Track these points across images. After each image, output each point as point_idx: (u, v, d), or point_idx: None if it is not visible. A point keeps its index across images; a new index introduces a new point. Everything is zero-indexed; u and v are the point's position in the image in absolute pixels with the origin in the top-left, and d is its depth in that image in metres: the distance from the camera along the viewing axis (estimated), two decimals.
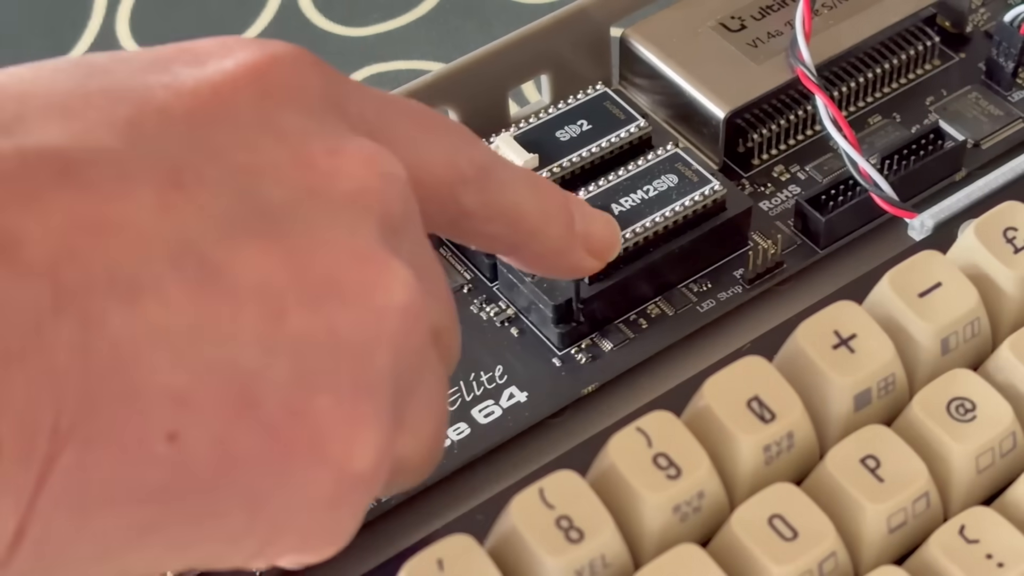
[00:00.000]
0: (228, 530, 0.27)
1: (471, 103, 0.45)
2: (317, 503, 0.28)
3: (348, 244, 0.28)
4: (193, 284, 0.26)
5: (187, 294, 0.25)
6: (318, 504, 0.28)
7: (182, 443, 0.26)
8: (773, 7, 0.47)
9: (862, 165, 0.43)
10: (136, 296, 0.25)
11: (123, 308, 0.25)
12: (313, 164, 0.28)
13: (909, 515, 0.33)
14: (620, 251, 0.41)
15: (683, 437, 0.33)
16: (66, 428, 0.24)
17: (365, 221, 0.28)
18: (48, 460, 0.24)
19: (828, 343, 0.35)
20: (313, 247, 0.27)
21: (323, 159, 0.28)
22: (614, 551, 0.32)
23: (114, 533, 0.26)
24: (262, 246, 0.27)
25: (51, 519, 0.25)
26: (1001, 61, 0.47)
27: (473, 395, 0.41)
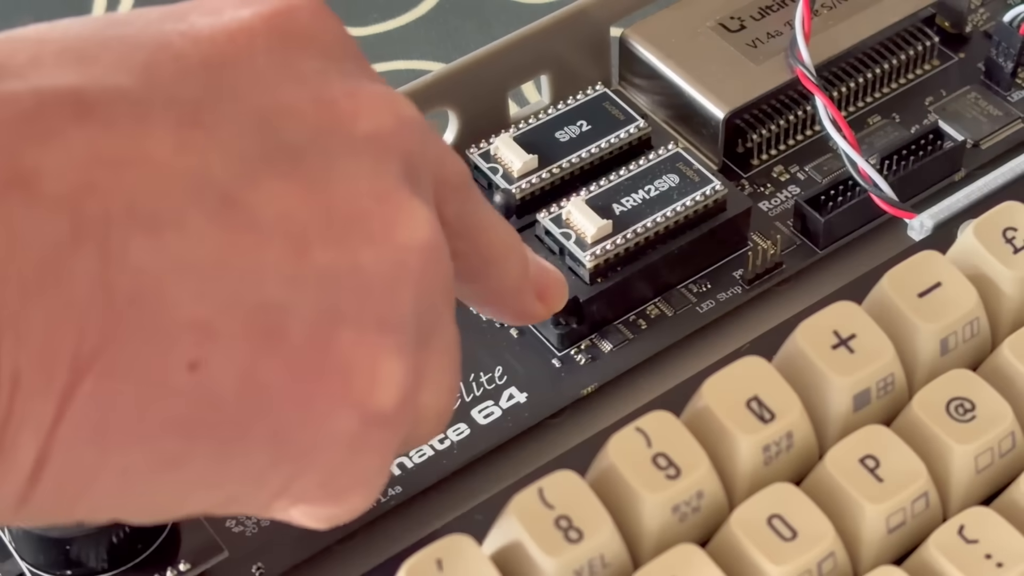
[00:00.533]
0: (252, 466, 0.27)
1: (471, 103, 0.45)
2: (340, 440, 0.28)
3: (370, 182, 0.28)
4: (215, 218, 0.26)
5: (210, 227, 0.25)
6: (341, 441, 0.28)
7: (205, 373, 0.25)
8: (772, 7, 0.47)
9: (861, 165, 0.43)
10: (157, 229, 0.25)
11: (144, 240, 0.25)
12: (333, 105, 0.28)
13: (908, 515, 0.33)
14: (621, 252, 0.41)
15: (682, 437, 0.33)
16: (87, 358, 0.24)
17: (386, 161, 0.28)
18: (68, 390, 0.24)
19: (827, 343, 0.35)
20: (335, 184, 0.27)
21: (343, 100, 0.28)
22: (613, 551, 0.32)
23: (136, 466, 0.26)
24: (284, 182, 0.27)
25: (72, 451, 0.25)
26: (1000, 61, 0.47)
27: (473, 396, 0.41)
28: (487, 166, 0.43)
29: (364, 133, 0.28)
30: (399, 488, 0.39)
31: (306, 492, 0.29)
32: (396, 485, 0.39)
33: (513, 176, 0.43)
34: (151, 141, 0.25)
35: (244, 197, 0.26)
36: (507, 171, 0.43)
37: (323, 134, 0.28)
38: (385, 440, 0.29)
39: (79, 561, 0.36)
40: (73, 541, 0.36)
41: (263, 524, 0.38)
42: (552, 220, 0.42)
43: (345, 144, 0.28)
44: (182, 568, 0.37)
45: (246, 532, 0.38)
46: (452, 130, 0.45)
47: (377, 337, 0.27)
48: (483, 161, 0.43)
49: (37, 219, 0.24)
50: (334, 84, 0.29)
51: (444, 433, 0.40)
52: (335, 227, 0.27)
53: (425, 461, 0.39)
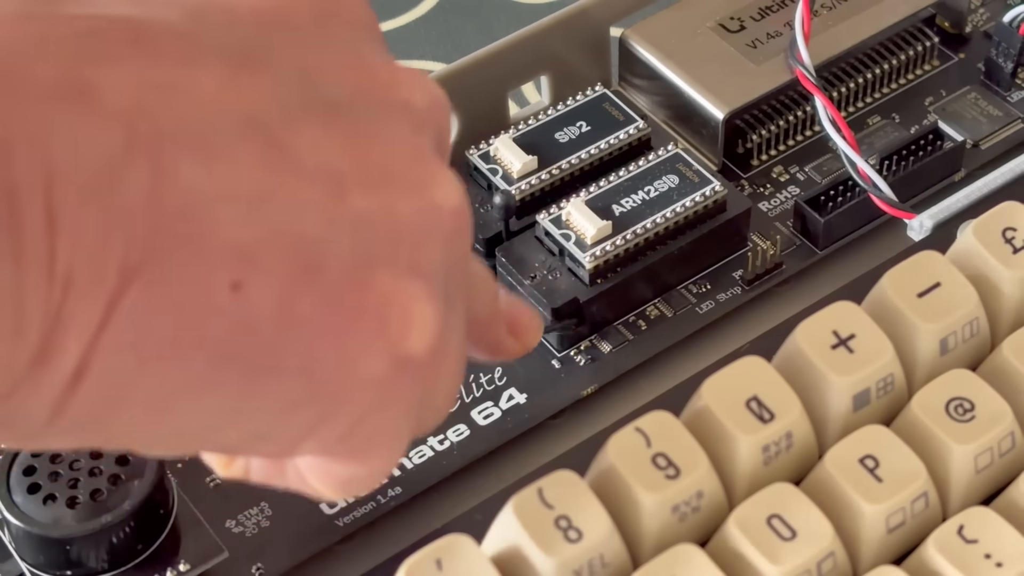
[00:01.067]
0: (282, 398, 0.28)
1: (471, 104, 0.45)
2: (371, 381, 0.28)
3: (406, 143, 0.29)
4: (260, 154, 0.26)
5: (254, 162, 0.26)
6: (371, 382, 0.28)
7: (245, 295, 0.26)
8: (772, 8, 0.47)
9: (861, 166, 0.43)
10: (207, 155, 0.26)
11: (194, 163, 0.26)
12: (373, 72, 0.29)
13: (908, 515, 0.33)
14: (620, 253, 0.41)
15: (682, 437, 0.33)
16: (134, 267, 0.25)
17: (420, 129, 0.29)
18: (114, 296, 0.25)
19: (827, 343, 0.35)
20: (374, 139, 0.28)
21: (382, 69, 0.30)
22: (613, 551, 0.32)
23: (173, 381, 0.26)
24: (325, 131, 0.28)
25: (113, 357, 0.25)
26: (1000, 62, 0.47)
27: (472, 397, 0.41)
28: (487, 167, 0.43)
29: (401, 99, 0.29)
30: (399, 488, 0.39)
31: (333, 438, 0.29)
32: (396, 485, 0.39)
33: (513, 177, 0.43)
34: (202, 76, 0.26)
35: (287, 139, 0.27)
36: (507, 172, 0.43)
37: (363, 95, 0.29)
38: (413, 388, 0.29)
39: (79, 561, 0.36)
40: (73, 541, 0.36)
41: (263, 524, 0.38)
42: (552, 221, 0.42)
43: (384, 107, 0.29)
44: (182, 568, 0.37)
45: (246, 532, 0.38)
46: (452, 131, 0.45)
47: (411, 282, 0.28)
48: (483, 162, 0.43)
49: (93, 129, 0.25)
50: (373, 55, 0.30)
51: (444, 433, 0.40)
52: (372, 177, 0.28)
53: (425, 461, 0.39)
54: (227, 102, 0.27)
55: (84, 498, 0.36)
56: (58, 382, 0.25)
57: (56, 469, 0.36)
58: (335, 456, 0.30)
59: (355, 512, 0.38)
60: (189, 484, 0.39)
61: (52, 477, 0.36)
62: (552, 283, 0.41)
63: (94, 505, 0.36)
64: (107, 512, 0.36)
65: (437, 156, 0.30)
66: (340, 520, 0.38)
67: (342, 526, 0.38)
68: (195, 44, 0.27)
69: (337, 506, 0.38)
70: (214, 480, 0.39)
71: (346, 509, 0.38)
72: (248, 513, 0.38)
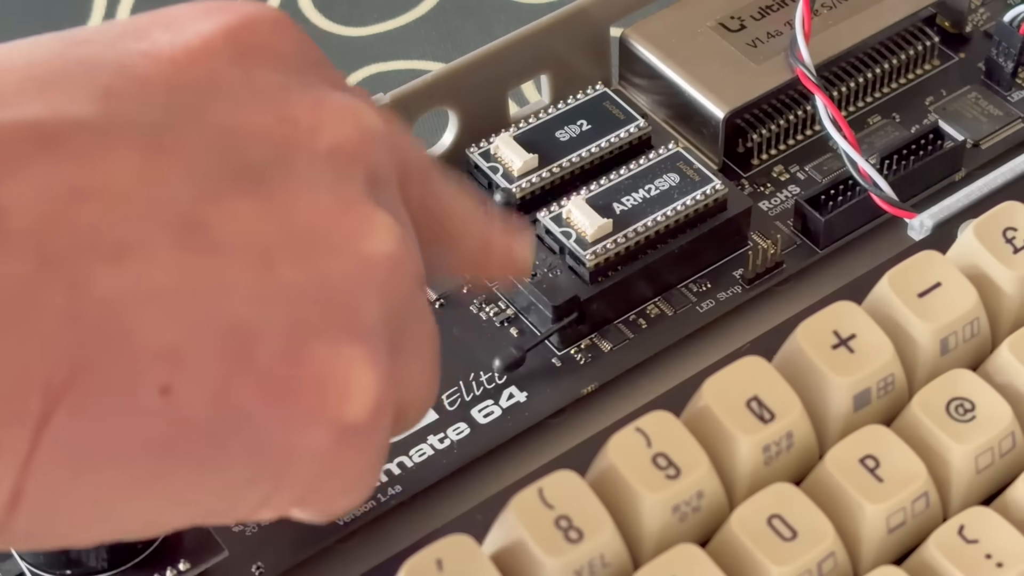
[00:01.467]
0: (229, 482, 0.27)
1: (471, 103, 0.45)
2: (317, 454, 0.28)
3: (332, 196, 0.28)
4: (179, 242, 0.26)
5: (174, 252, 0.26)
6: (318, 455, 0.28)
7: (177, 396, 0.26)
8: (773, 7, 0.47)
9: (861, 165, 0.43)
10: (122, 257, 0.25)
11: (110, 269, 0.25)
12: (295, 121, 0.28)
13: (908, 515, 0.33)
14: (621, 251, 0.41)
15: (682, 437, 0.33)
16: (58, 387, 0.25)
17: (348, 173, 0.29)
18: (42, 419, 0.25)
19: (827, 343, 0.35)
20: (298, 200, 0.28)
21: (305, 115, 0.29)
22: (613, 551, 0.32)
23: (114, 486, 0.26)
24: (247, 202, 0.27)
25: (48, 476, 0.25)
26: (1001, 61, 0.47)
27: (473, 395, 0.41)
28: (487, 165, 0.43)
29: (327, 147, 0.29)
30: (399, 488, 0.39)
31: (289, 503, 0.29)
32: (396, 485, 0.39)
33: (513, 175, 0.43)
34: (113, 169, 0.26)
35: (207, 219, 0.26)
36: (507, 170, 0.43)
37: (286, 151, 0.28)
38: (364, 449, 0.29)
39: (79, 561, 0.36)
40: None
41: (263, 524, 0.38)
42: (552, 219, 0.42)
43: (308, 159, 0.28)
44: (182, 568, 0.37)
45: (246, 532, 0.38)
46: (452, 130, 0.45)
47: (347, 348, 0.28)
48: (483, 160, 0.43)
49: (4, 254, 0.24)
50: (296, 99, 0.29)
51: (444, 432, 0.40)
52: (299, 243, 0.27)
53: (425, 461, 0.39)
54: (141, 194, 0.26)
55: None
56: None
57: None
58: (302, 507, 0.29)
59: (355, 511, 0.38)
60: None
61: None
62: (553, 281, 0.41)
63: None
64: None
65: (367, 198, 0.29)
66: (340, 519, 0.38)
67: (342, 525, 0.38)
68: (106, 135, 0.26)
69: None
70: None
71: None
72: None
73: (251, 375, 0.26)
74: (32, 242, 0.24)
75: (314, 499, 0.29)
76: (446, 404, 0.41)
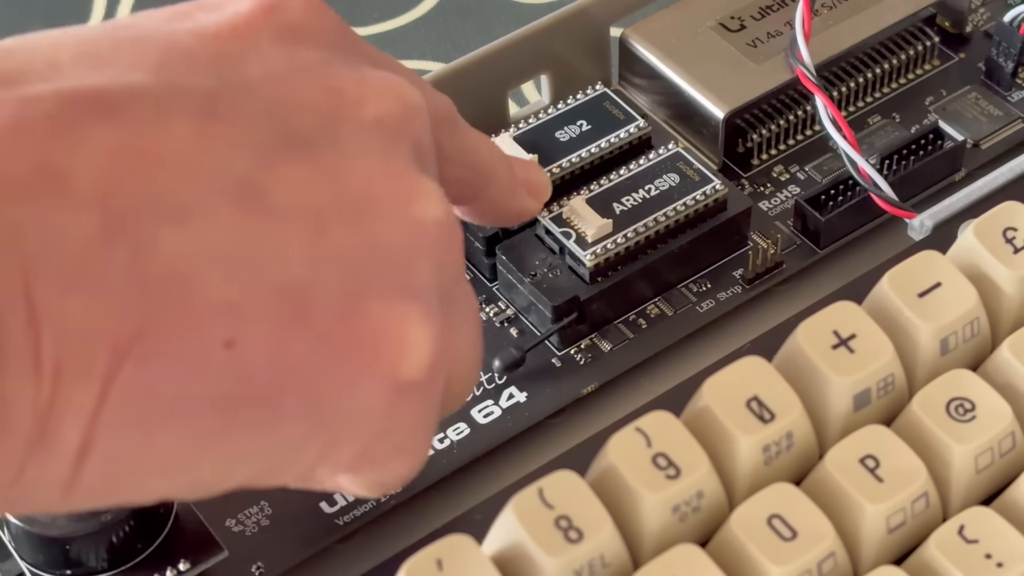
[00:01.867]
0: (289, 437, 0.28)
1: (471, 103, 0.45)
2: (374, 410, 0.29)
3: (381, 164, 0.29)
4: (236, 206, 0.27)
5: (232, 215, 0.27)
6: (375, 411, 0.29)
7: (239, 351, 0.26)
8: (773, 7, 0.47)
9: (861, 165, 0.43)
10: (184, 219, 0.26)
11: (172, 231, 0.26)
12: (340, 93, 0.29)
13: (908, 515, 0.33)
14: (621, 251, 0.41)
15: (682, 437, 0.33)
16: (125, 344, 0.25)
17: (394, 144, 0.30)
18: (108, 376, 0.25)
19: (827, 343, 0.35)
20: (348, 167, 0.28)
21: (350, 88, 0.30)
22: (613, 551, 0.32)
23: (178, 444, 0.27)
24: (298, 168, 0.28)
25: (116, 433, 0.26)
26: (1001, 61, 0.47)
27: (473, 395, 0.41)
28: None
29: (372, 118, 0.29)
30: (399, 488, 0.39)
31: (346, 461, 0.29)
32: None
33: None
34: (171, 135, 0.27)
35: (262, 184, 0.27)
36: None
37: (333, 121, 0.29)
38: (419, 407, 0.29)
39: (79, 561, 0.36)
40: (73, 541, 0.36)
41: (263, 524, 0.38)
42: (552, 219, 0.42)
43: (354, 130, 0.29)
44: (182, 568, 0.37)
45: (246, 532, 0.38)
46: None
47: (402, 306, 0.28)
48: None
49: (69, 219, 0.25)
50: (340, 73, 0.30)
51: (444, 432, 0.40)
52: (351, 207, 0.28)
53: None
54: (199, 159, 0.27)
55: None
56: (63, 462, 0.26)
57: None
58: (358, 471, 0.30)
59: (355, 511, 0.38)
60: None
61: None
62: (553, 281, 0.41)
63: None
64: (107, 511, 0.36)
65: (414, 167, 0.30)
66: (340, 519, 0.38)
67: (342, 525, 0.38)
68: (161, 105, 0.27)
69: (337, 505, 0.38)
70: None
71: (346, 508, 0.38)
72: (248, 513, 0.38)
73: (309, 331, 0.27)
74: (96, 203, 0.25)
75: (370, 460, 0.30)
76: None
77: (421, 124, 0.31)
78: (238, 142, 0.27)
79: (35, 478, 0.26)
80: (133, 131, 0.26)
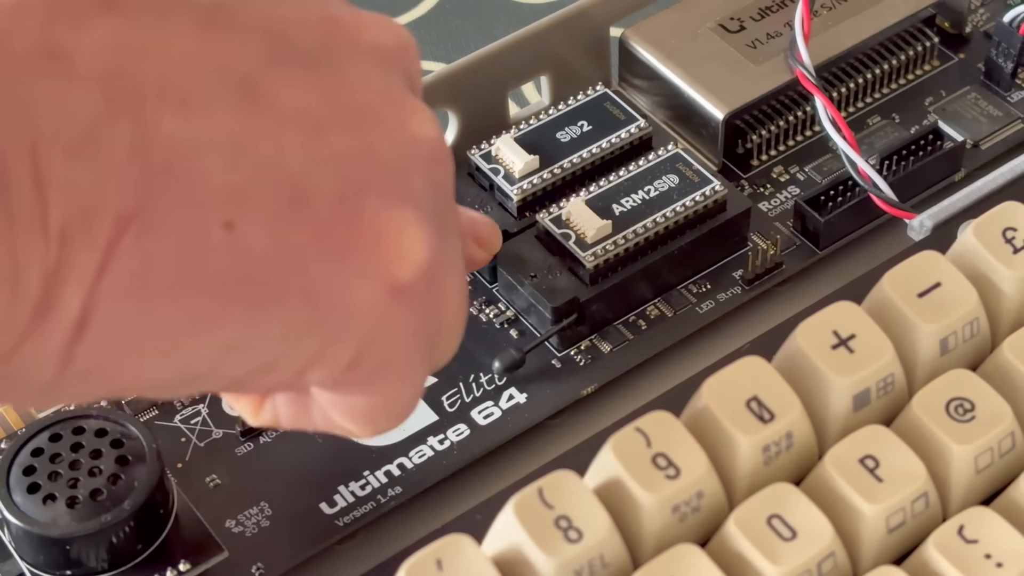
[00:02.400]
0: (284, 327, 0.28)
1: (471, 104, 0.45)
2: (368, 308, 0.29)
3: (378, 82, 0.30)
4: (237, 102, 0.27)
5: (232, 109, 0.27)
6: (369, 309, 0.29)
7: (239, 232, 0.27)
8: (772, 8, 0.47)
9: (861, 166, 0.43)
10: (186, 107, 0.27)
11: (175, 116, 0.26)
12: (339, 20, 0.30)
13: (908, 515, 0.33)
14: (621, 253, 0.41)
15: (682, 437, 0.33)
16: (126, 216, 0.26)
17: (391, 70, 0.30)
18: (110, 245, 0.26)
19: (827, 343, 0.35)
20: (346, 82, 0.29)
21: (348, 17, 0.30)
22: (613, 551, 0.32)
23: (176, 322, 0.27)
24: (299, 78, 0.28)
25: (114, 305, 0.26)
26: (1000, 62, 0.47)
27: (472, 396, 0.41)
28: (488, 167, 0.43)
29: (369, 45, 0.30)
30: (399, 488, 0.39)
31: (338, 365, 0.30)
32: (396, 486, 0.39)
33: (515, 177, 0.43)
34: (174, 32, 0.27)
35: (262, 87, 0.28)
36: (508, 172, 0.43)
37: (331, 42, 0.30)
38: (411, 317, 0.30)
39: (79, 561, 0.36)
40: (73, 541, 0.36)
41: (263, 524, 0.38)
42: (552, 220, 0.42)
43: (353, 51, 0.30)
44: (182, 568, 0.37)
45: (246, 532, 0.38)
46: (452, 130, 0.45)
47: (399, 210, 0.29)
48: (484, 162, 0.43)
49: (74, 92, 0.26)
50: (337, 6, 0.31)
51: (444, 433, 0.40)
52: (348, 116, 0.29)
53: (425, 461, 0.39)
54: (201, 56, 0.27)
55: (84, 498, 0.36)
56: (62, 333, 0.26)
57: (56, 469, 0.36)
58: (349, 387, 0.30)
59: (355, 512, 0.38)
60: (189, 484, 0.39)
61: (52, 477, 0.36)
62: (552, 282, 0.41)
63: (94, 505, 0.36)
64: (107, 512, 0.36)
65: (409, 92, 0.30)
66: (340, 520, 0.38)
67: (342, 526, 0.38)
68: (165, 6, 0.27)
69: (337, 506, 0.38)
70: (214, 480, 0.39)
71: (346, 509, 0.38)
72: (248, 513, 0.38)
73: (308, 223, 0.28)
74: (99, 83, 0.26)
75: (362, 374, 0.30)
76: (446, 405, 0.41)
77: (414, 60, 0.32)
78: (239, 48, 0.28)
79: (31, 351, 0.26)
80: (136, 24, 0.27)
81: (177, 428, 0.40)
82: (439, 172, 0.30)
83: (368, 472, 0.39)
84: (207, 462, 0.39)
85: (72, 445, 0.37)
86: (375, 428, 0.32)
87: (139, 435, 0.37)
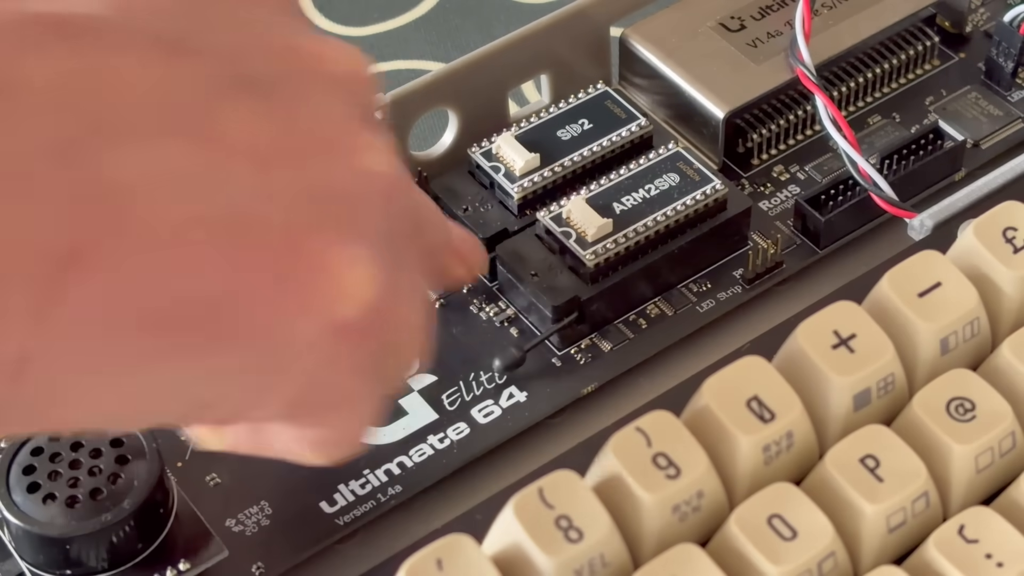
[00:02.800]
0: (225, 364, 0.28)
1: (471, 103, 0.45)
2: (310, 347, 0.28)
3: (333, 114, 0.29)
4: (186, 135, 0.27)
5: (181, 143, 0.27)
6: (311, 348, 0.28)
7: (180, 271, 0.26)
8: (773, 7, 0.47)
9: (862, 165, 0.43)
10: (132, 141, 0.26)
11: (121, 151, 0.26)
12: (300, 50, 0.30)
13: (908, 515, 0.33)
14: (621, 251, 0.41)
15: (682, 437, 0.33)
16: (65, 257, 0.25)
17: (349, 101, 0.30)
18: (48, 287, 0.25)
19: (828, 343, 0.35)
20: (300, 113, 0.29)
21: (309, 45, 0.30)
22: (613, 551, 0.32)
23: (113, 364, 0.27)
24: (252, 109, 0.28)
25: (54, 345, 0.26)
26: (1000, 61, 0.47)
27: (473, 395, 0.41)
28: (489, 165, 0.43)
29: (328, 73, 0.30)
30: (399, 488, 0.39)
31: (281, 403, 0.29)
32: (396, 485, 0.39)
33: (515, 175, 0.43)
34: (127, 63, 0.27)
35: (212, 119, 0.27)
36: (509, 170, 0.43)
37: (289, 71, 0.29)
38: (356, 354, 0.29)
39: (79, 561, 0.36)
40: (73, 541, 0.36)
41: (263, 524, 0.38)
42: (552, 219, 0.42)
43: (309, 81, 0.29)
44: (182, 568, 0.37)
45: (246, 532, 0.38)
46: (452, 130, 0.45)
47: (346, 246, 0.28)
48: (485, 160, 0.43)
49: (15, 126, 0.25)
50: (299, 33, 0.30)
51: (444, 432, 0.40)
52: (301, 149, 0.28)
53: (425, 461, 0.39)
54: (150, 87, 0.27)
55: (84, 497, 0.36)
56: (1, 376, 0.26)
57: (56, 468, 0.36)
58: (298, 420, 0.30)
59: (355, 511, 0.38)
60: (189, 484, 0.39)
61: (52, 476, 0.36)
62: (553, 281, 0.41)
63: (94, 504, 0.36)
64: (107, 511, 0.36)
65: (364, 125, 0.30)
66: (340, 519, 0.38)
67: (342, 525, 0.38)
68: (120, 32, 0.27)
69: (337, 505, 0.38)
70: (214, 480, 0.39)
71: (346, 508, 0.38)
72: (248, 513, 0.38)
73: (252, 257, 0.27)
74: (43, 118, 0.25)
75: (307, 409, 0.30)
76: (446, 404, 0.41)
77: (370, 90, 0.31)
78: (192, 78, 0.27)
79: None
80: (88, 54, 0.26)
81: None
82: (393, 205, 0.30)
83: (368, 471, 0.39)
84: (207, 461, 0.39)
85: (72, 444, 0.37)
86: (329, 457, 0.31)
87: (139, 434, 0.37)
